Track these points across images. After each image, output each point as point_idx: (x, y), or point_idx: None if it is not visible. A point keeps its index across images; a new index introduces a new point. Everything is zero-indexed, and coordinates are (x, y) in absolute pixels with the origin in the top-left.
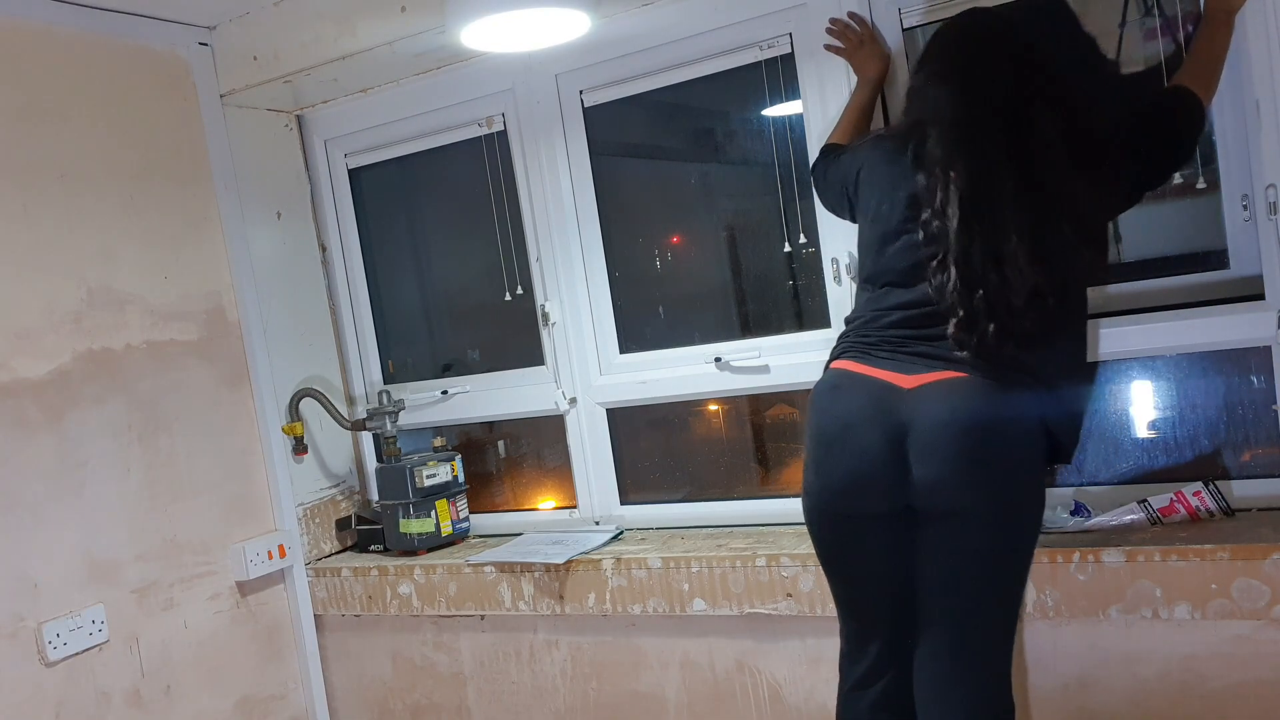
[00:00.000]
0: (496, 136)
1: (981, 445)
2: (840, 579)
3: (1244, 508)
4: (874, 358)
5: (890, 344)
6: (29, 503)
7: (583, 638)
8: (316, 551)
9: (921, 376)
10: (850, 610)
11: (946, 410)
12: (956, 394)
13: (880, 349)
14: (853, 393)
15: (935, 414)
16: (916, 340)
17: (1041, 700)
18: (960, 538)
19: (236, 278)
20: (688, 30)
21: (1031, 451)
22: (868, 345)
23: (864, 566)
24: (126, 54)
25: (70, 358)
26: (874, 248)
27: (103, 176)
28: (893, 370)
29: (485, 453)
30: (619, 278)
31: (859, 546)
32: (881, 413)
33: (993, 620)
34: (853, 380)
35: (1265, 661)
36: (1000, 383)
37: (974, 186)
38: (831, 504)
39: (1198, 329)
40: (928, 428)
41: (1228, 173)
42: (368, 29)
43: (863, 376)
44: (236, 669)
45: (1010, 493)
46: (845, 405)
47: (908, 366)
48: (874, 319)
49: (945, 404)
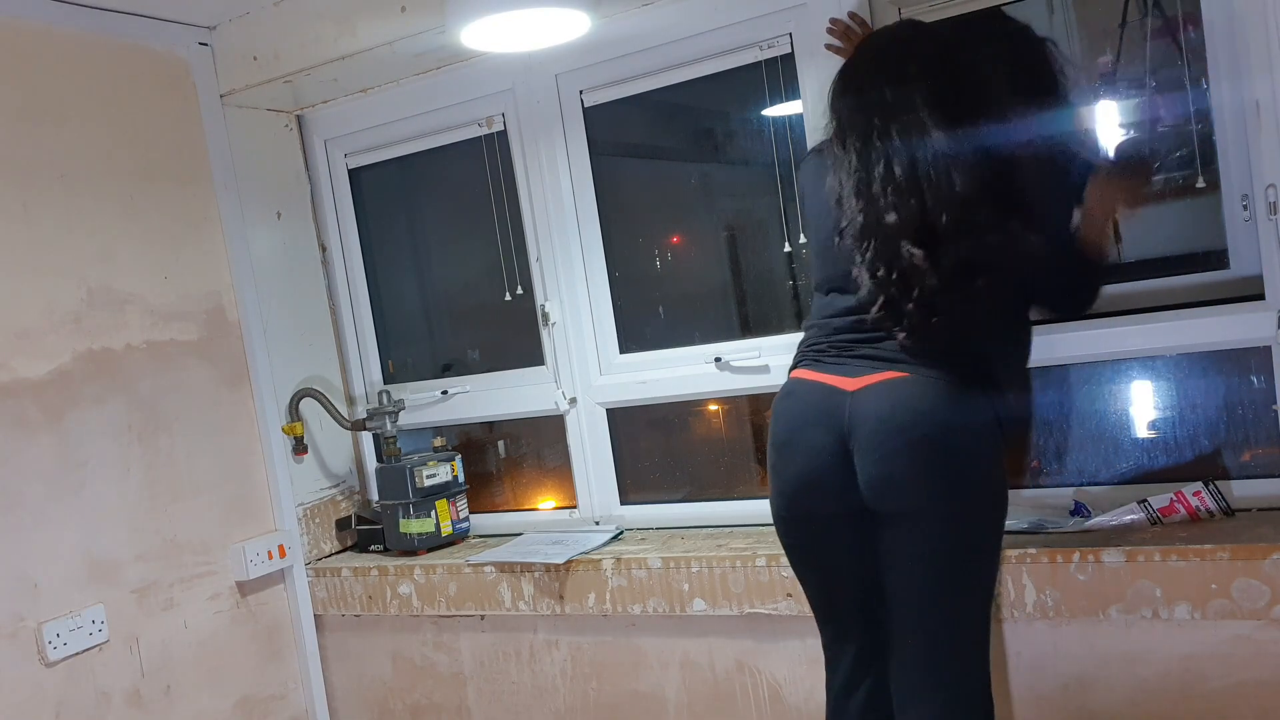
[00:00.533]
0: (496, 136)
1: (924, 443)
2: (809, 582)
3: (1244, 508)
4: (823, 364)
5: (837, 349)
6: (29, 503)
7: (583, 638)
8: (316, 551)
9: (864, 379)
10: (824, 614)
11: (886, 408)
12: (896, 392)
13: (828, 354)
14: (802, 399)
15: (875, 413)
16: (862, 343)
17: (1041, 700)
18: (914, 541)
19: (236, 278)
20: (688, 30)
21: (979, 447)
22: (818, 352)
23: (829, 568)
24: (126, 54)
25: (70, 358)
26: (818, 255)
27: (103, 176)
28: (838, 374)
29: (485, 453)
30: (619, 278)
31: (821, 548)
32: (825, 415)
33: (960, 625)
34: (803, 387)
35: (1265, 661)
36: (945, 381)
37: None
38: (789, 507)
39: (1198, 329)
40: (869, 428)
41: (1227, 173)
42: (368, 29)
43: (811, 382)
44: (236, 669)
45: (959, 491)
46: (794, 411)
47: (853, 369)
48: (823, 325)
49: (885, 402)
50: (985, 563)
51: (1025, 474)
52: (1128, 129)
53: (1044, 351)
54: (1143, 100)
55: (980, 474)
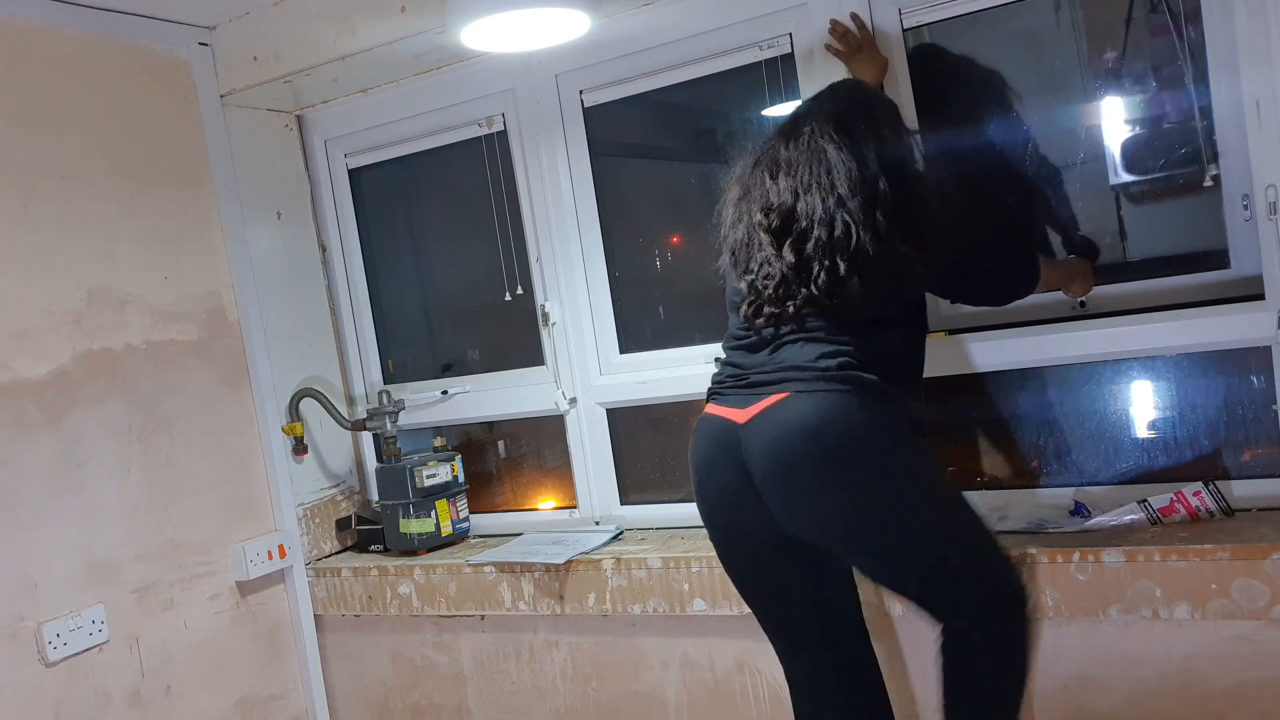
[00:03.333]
0: (496, 136)
1: (814, 463)
2: (760, 613)
3: (1244, 508)
4: (723, 396)
5: (732, 379)
6: (29, 503)
7: (583, 638)
8: (316, 551)
9: (753, 408)
10: (782, 642)
11: (771, 438)
12: (777, 416)
13: (726, 385)
14: (705, 436)
15: (764, 446)
16: (751, 370)
17: (1041, 700)
18: (853, 550)
19: (236, 278)
20: (688, 30)
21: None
22: (719, 384)
23: (776, 599)
24: (126, 54)
25: (70, 358)
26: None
27: (103, 176)
28: (732, 406)
29: (485, 453)
30: (619, 278)
31: (763, 581)
32: (725, 451)
33: (941, 561)
34: (705, 424)
35: (1265, 661)
36: (824, 391)
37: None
38: (722, 546)
39: (1198, 329)
40: (764, 462)
41: (1228, 173)
42: (368, 29)
43: (712, 418)
44: (236, 669)
45: (869, 487)
46: (701, 450)
47: (743, 400)
48: (726, 354)
49: (770, 432)
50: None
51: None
52: (1133, 125)
53: (1044, 351)
54: (1148, 97)
55: (884, 461)
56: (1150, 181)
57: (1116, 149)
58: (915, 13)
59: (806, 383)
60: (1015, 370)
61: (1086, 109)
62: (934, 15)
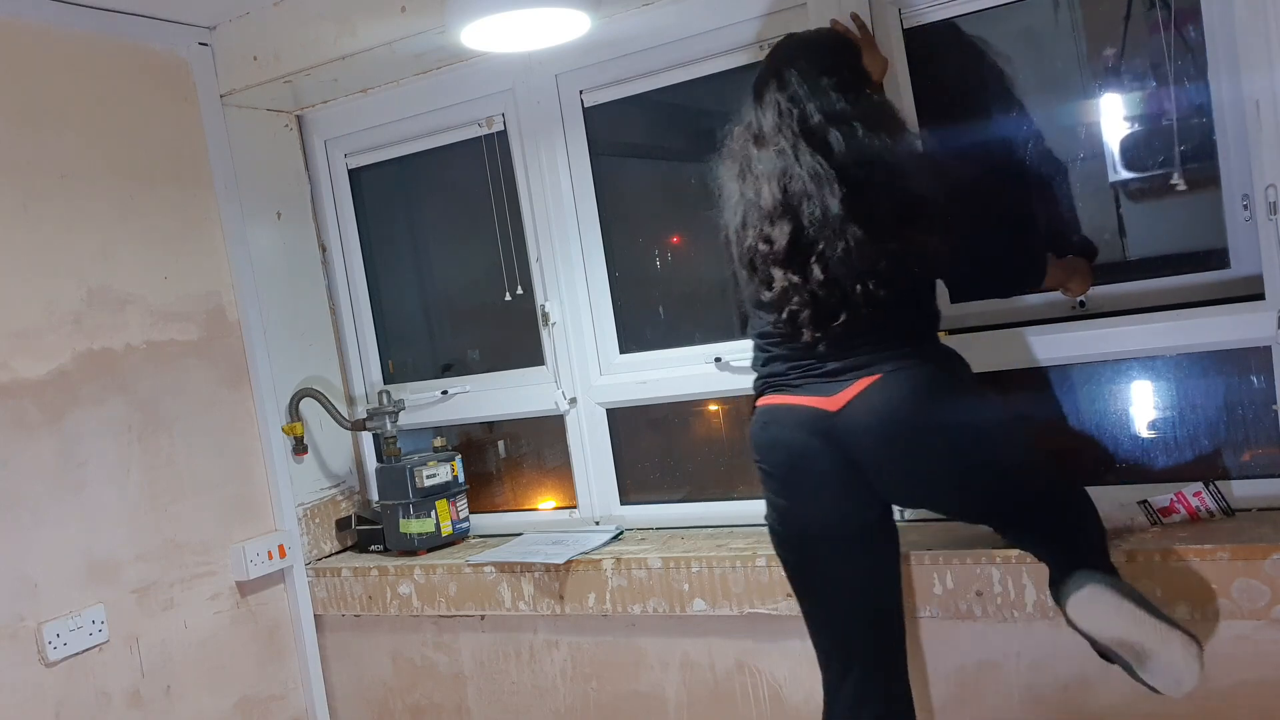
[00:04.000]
0: (496, 136)
1: (926, 428)
2: (817, 602)
3: (1244, 508)
4: (796, 387)
5: (798, 370)
6: (29, 503)
7: (583, 638)
8: (316, 551)
9: (843, 395)
10: (829, 635)
11: (878, 420)
12: (877, 397)
13: (789, 376)
14: (788, 426)
15: (870, 425)
16: (818, 361)
17: (1041, 700)
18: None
19: (236, 278)
20: (688, 30)
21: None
22: (781, 375)
23: (840, 588)
24: (126, 54)
25: (70, 358)
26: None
27: (103, 176)
28: (811, 395)
29: (485, 453)
30: (619, 278)
31: (833, 568)
32: (818, 438)
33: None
34: (784, 413)
35: (1265, 661)
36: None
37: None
38: (799, 531)
39: (1198, 329)
40: (871, 442)
41: (1228, 172)
42: (368, 29)
43: (789, 407)
44: (236, 669)
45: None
46: (785, 439)
47: (825, 388)
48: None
49: (875, 413)
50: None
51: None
52: (1133, 123)
53: (1044, 351)
54: (1147, 94)
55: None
56: (1149, 179)
57: (1116, 146)
58: (915, 13)
59: (895, 362)
60: (1015, 370)
61: (1086, 107)
62: (934, 15)
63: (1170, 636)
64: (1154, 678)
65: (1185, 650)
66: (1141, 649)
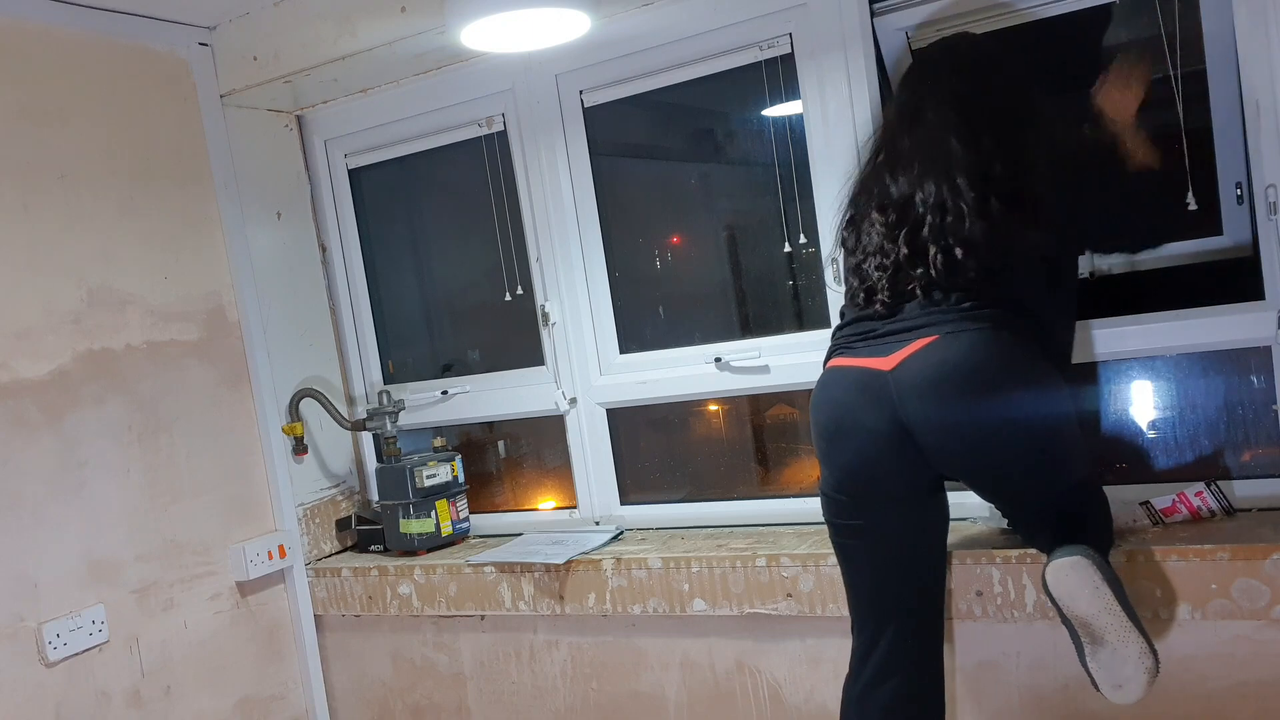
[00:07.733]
0: (496, 137)
1: (975, 391)
2: (860, 566)
3: (1244, 508)
4: (855, 350)
5: (860, 336)
6: (29, 503)
7: (583, 638)
8: (316, 552)
9: (897, 355)
10: (867, 600)
11: (928, 379)
12: (932, 357)
13: (853, 340)
14: (840, 386)
15: (921, 383)
16: (883, 322)
17: (1041, 700)
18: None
19: (236, 278)
20: (688, 30)
21: (1023, 367)
22: (845, 340)
23: (885, 549)
24: (126, 54)
25: (70, 358)
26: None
27: (103, 176)
28: (870, 356)
29: (485, 453)
30: (619, 278)
31: (879, 529)
32: (870, 396)
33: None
34: (838, 374)
35: (1265, 661)
36: (975, 329)
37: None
38: (847, 490)
39: (1198, 329)
40: (918, 401)
41: (1223, 164)
42: (368, 29)
43: (846, 369)
44: (236, 669)
45: (1025, 412)
46: (836, 398)
47: (882, 349)
48: (853, 320)
49: (926, 373)
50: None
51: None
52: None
53: None
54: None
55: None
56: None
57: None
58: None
59: (954, 323)
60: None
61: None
62: (932, 17)
63: (1131, 639)
64: (1099, 670)
65: (1140, 658)
66: (1100, 636)
